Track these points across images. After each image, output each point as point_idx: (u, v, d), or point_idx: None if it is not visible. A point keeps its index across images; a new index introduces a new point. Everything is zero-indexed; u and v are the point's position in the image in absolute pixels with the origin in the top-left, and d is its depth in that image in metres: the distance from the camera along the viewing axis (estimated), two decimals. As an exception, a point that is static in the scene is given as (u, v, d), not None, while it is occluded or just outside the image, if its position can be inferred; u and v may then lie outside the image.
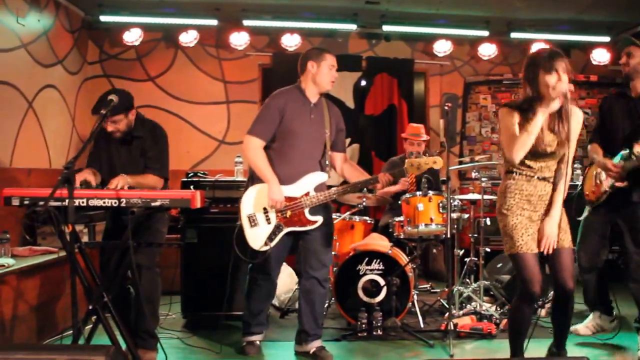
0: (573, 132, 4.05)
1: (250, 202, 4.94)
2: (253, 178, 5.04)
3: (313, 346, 5.11)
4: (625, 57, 5.20)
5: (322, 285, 5.12)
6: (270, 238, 4.88)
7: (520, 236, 4.09)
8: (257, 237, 4.89)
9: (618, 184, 5.10)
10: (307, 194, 4.94)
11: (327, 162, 5.14)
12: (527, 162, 4.12)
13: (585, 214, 5.53)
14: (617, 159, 5.07)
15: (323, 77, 5.01)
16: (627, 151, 4.99)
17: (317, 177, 5.02)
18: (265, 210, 4.91)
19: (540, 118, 3.95)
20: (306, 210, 4.93)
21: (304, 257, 5.07)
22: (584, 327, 5.62)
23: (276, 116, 4.95)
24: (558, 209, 4.11)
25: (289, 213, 4.90)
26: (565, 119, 4.03)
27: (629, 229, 5.20)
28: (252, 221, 4.91)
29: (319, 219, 4.97)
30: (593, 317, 5.63)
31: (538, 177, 4.13)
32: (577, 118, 4.11)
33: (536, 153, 4.08)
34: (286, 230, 4.92)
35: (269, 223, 4.90)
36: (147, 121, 5.01)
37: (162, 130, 5.02)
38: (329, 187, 5.07)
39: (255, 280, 5.16)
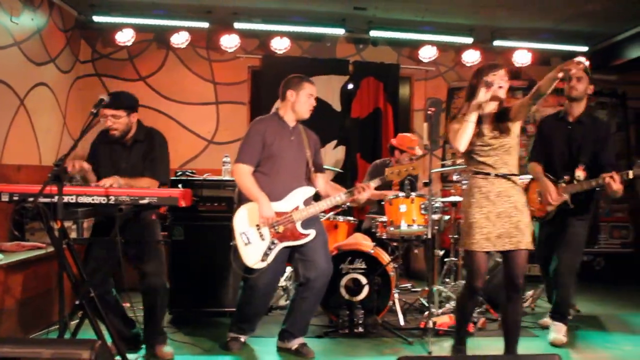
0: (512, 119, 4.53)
1: (242, 220, 5.01)
2: (241, 199, 5.13)
3: (295, 343, 5.21)
4: (575, 81, 5.49)
5: (318, 294, 5.21)
6: (266, 254, 4.96)
7: (474, 235, 4.45)
8: (252, 254, 4.97)
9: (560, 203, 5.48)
10: (296, 208, 5.04)
11: (311, 179, 5.28)
12: (481, 159, 4.53)
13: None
14: (560, 186, 5.47)
15: (301, 106, 5.16)
16: (568, 176, 5.42)
17: (304, 192, 5.13)
18: (258, 227, 4.99)
19: (473, 107, 4.42)
20: (298, 224, 5.02)
21: (302, 268, 5.14)
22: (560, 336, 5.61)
23: (259, 141, 5.08)
24: None
25: (281, 228, 4.98)
26: (505, 114, 4.52)
27: (564, 242, 5.57)
28: (246, 238, 4.98)
29: (312, 232, 5.06)
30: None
31: (495, 175, 4.48)
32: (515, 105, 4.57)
33: (483, 148, 4.51)
34: (281, 245, 5.00)
35: (263, 239, 4.99)
36: (149, 128, 5.09)
37: (162, 137, 5.10)
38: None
39: (249, 297, 5.20)
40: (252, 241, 4.99)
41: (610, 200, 8.85)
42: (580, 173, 5.36)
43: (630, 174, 4.98)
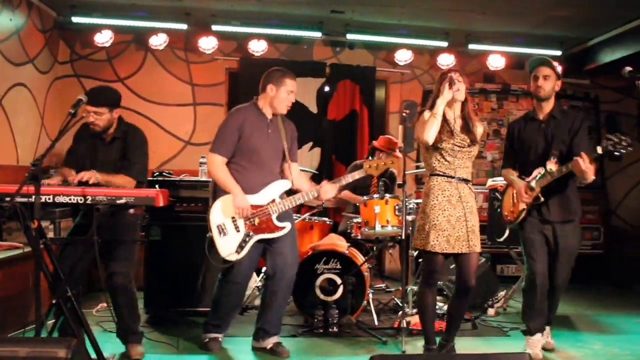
0: (478, 135, 4.75)
1: (218, 212, 5.06)
2: (216, 192, 5.18)
3: (270, 342, 5.26)
4: (542, 80, 5.17)
5: (287, 287, 5.29)
6: (241, 246, 5.01)
7: (436, 237, 4.58)
8: (228, 246, 5.01)
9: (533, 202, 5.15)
10: (273, 201, 5.09)
11: (289, 173, 5.31)
12: (449, 158, 4.67)
13: (505, 234, 5.79)
14: (533, 182, 5.10)
15: (280, 102, 5.19)
16: (543, 171, 5.07)
17: (281, 185, 5.19)
18: (234, 219, 5.04)
19: (439, 103, 4.62)
20: (274, 217, 5.07)
21: (272, 261, 5.21)
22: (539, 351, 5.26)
23: (235, 134, 5.11)
24: None
25: (257, 220, 5.03)
26: (471, 123, 4.73)
27: (557, 251, 5.18)
28: (222, 231, 5.02)
29: (287, 225, 5.13)
30: (539, 339, 5.29)
31: (457, 178, 4.63)
32: (480, 127, 4.81)
33: (454, 149, 4.65)
34: (256, 237, 5.05)
35: (238, 231, 5.03)
36: (130, 125, 5.11)
37: (143, 135, 5.12)
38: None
39: (226, 290, 5.25)
40: (228, 233, 5.03)
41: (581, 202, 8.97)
42: (552, 166, 5.04)
43: (599, 149, 4.69)
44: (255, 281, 6.77)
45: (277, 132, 5.28)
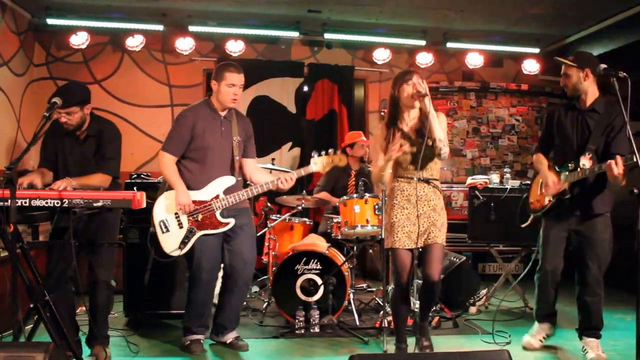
0: (442, 123, 4.68)
1: (161, 208, 5.13)
2: (163, 189, 5.23)
3: (230, 337, 5.37)
4: (563, 79, 5.12)
5: (245, 284, 5.36)
6: (184, 242, 5.07)
7: (396, 234, 4.64)
8: (170, 241, 5.09)
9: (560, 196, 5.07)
10: (217, 197, 5.12)
11: (235, 168, 5.29)
12: (405, 162, 4.71)
13: (528, 222, 5.53)
14: (563, 176, 5.02)
15: (223, 96, 5.18)
16: (573, 164, 4.95)
17: (226, 181, 5.18)
18: (177, 215, 5.09)
19: (383, 160, 4.69)
20: (217, 213, 5.11)
21: (229, 258, 5.27)
22: (534, 340, 5.49)
23: (186, 134, 5.15)
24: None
25: (200, 216, 5.08)
26: (425, 119, 4.59)
27: (585, 245, 5.09)
28: (164, 227, 5.10)
29: (231, 221, 5.15)
30: (543, 328, 5.51)
31: (418, 179, 4.65)
32: (442, 117, 4.74)
33: (408, 153, 4.66)
34: (199, 233, 5.09)
35: (181, 227, 5.09)
36: (103, 120, 5.04)
37: (117, 129, 5.06)
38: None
39: (193, 286, 5.26)
40: (171, 229, 5.11)
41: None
42: (586, 161, 4.87)
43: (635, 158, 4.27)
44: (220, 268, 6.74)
45: (230, 129, 5.30)
